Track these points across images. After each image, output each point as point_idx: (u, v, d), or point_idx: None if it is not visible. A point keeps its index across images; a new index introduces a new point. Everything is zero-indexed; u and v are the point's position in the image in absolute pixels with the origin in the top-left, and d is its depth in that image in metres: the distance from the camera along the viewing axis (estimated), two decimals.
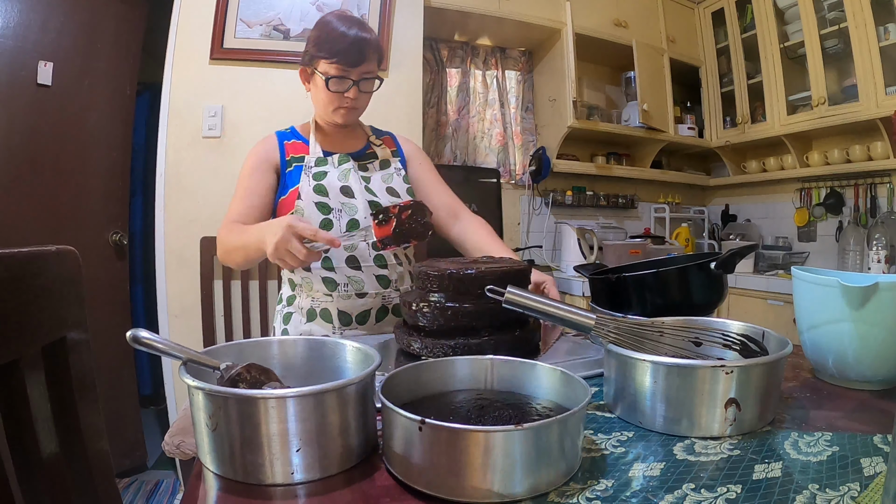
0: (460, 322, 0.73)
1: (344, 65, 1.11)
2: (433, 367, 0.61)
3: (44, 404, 0.48)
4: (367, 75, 1.16)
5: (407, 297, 0.79)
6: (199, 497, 0.49)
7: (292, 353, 0.66)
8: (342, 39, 1.10)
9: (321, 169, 1.18)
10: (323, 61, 1.12)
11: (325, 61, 1.12)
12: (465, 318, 0.73)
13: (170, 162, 1.86)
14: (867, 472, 0.51)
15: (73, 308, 0.50)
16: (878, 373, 0.73)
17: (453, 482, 0.45)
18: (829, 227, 2.67)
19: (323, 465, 0.50)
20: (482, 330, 0.74)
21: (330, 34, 1.12)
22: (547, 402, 0.59)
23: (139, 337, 0.52)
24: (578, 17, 2.58)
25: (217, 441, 0.49)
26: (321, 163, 1.19)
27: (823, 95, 2.39)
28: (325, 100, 1.16)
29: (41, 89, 1.81)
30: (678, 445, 0.58)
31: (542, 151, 2.72)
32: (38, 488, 0.49)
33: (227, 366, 0.55)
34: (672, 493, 0.48)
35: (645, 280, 0.93)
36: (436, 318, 0.74)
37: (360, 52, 1.12)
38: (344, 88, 1.14)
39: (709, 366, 0.58)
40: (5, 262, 0.39)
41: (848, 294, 0.71)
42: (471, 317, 0.73)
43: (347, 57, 1.11)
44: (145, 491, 1.93)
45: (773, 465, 0.53)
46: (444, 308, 0.74)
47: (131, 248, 2.21)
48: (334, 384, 0.49)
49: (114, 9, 2.03)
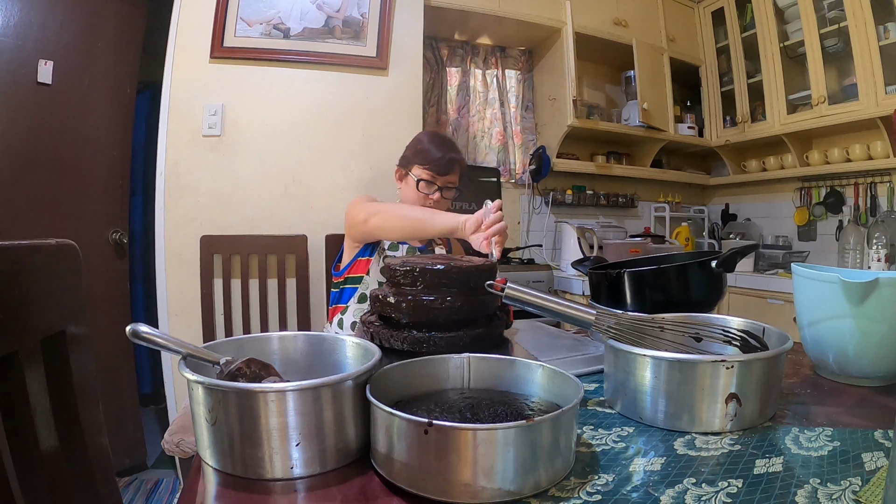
0: (431, 315, 0.70)
1: (435, 173, 1.37)
2: (411, 368, 0.59)
3: (43, 398, 0.47)
4: (450, 185, 1.41)
5: (379, 292, 0.76)
6: (198, 492, 0.49)
7: (292, 349, 0.66)
8: (437, 154, 1.37)
9: (392, 253, 1.40)
10: (417, 167, 1.39)
11: (420, 167, 1.38)
12: (438, 313, 0.70)
13: (170, 161, 1.86)
14: (868, 467, 0.51)
15: (72, 302, 0.49)
16: (878, 368, 0.73)
17: (459, 483, 0.44)
18: (829, 227, 2.67)
19: (322, 459, 0.50)
20: (454, 324, 0.71)
21: (427, 152, 1.38)
22: (534, 396, 0.59)
23: (139, 331, 0.51)
24: (578, 16, 2.58)
25: (217, 435, 0.49)
26: (393, 248, 1.41)
27: (823, 94, 2.39)
28: (413, 197, 1.40)
29: (41, 88, 1.81)
30: (679, 441, 0.58)
31: (542, 150, 2.72)
32: (37, 483, 0.48)
33: (226, 360, 0.55)
34: (673, 488, 0.48)
35: (645, 276, 0.93)
36: (409, 313, 0.71)
37: (451, 167, 1.38)
38: (431, 191, 1.39)
39: (709, 360, 0.58)
40: (5, 254, 0.39)
41: (848, 290, 0.70)
42: (444, 311, 0.70)
43: (439, 168, 1.37)
44: (145, 490, 1.93)
45: (775, 460, 0.52)
46: (418, 302, 0.71)
47: (131, 246, 2.21)
48: (334, 378, 0.49)
49: (114, 8, 2.03)
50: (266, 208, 1.95)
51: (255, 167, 1.94)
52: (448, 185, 1.40)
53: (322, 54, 1.99)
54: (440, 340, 0.69)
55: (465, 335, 0.70)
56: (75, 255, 0.49)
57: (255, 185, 1.94)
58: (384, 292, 0.75)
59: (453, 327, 0.71)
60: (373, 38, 2.05)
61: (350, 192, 2.00)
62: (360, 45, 2.04)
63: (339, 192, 2.01)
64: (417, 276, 0.72)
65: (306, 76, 2.00)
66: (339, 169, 2.03)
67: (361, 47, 2.04)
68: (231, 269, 1.83)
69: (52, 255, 0.46)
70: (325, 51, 1.99)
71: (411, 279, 0.72)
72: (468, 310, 0.71)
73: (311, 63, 1.99)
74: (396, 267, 0.74)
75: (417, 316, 0.71)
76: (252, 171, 1.94)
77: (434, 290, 0.71)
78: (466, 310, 0.71)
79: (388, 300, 0.72)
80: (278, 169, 1.97)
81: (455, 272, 0.72)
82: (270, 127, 1.96)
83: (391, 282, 0.76)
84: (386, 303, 0.73)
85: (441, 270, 0.72)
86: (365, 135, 2.05)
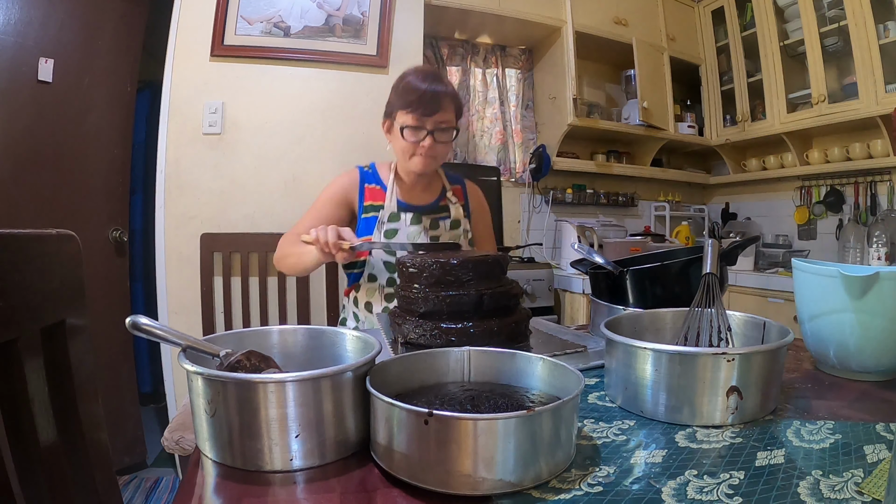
0: (451, 307, 0.73)
1: (419, 115, 1.16)
2: (411, 361, 0.59)
3: (42, 390, 0.47)
4: (443, 125, 1.19)
5: (400, 286, 0.80)
6: (196, 484, 0.49)
7: (292, 342, 0.66)
8: (418, 91, 1.15)
9: (393, 226, 1.26)
10: (400, 112, 1.18)
11: (403, 112, 1.17)
12: (455, 304, 0.74)
13: (170, 159, 1.86)
14: (870, 459, 0.51)
15: (72, 292, 0.49)
16: (880, 362, 0.72)
17: (459, 474, 0.43)
18: (830, 225, 2.67)
19: (322, 451, 0.50)
20: (472, 313, 0.74)
21: (406, 87, 1.17)
22: (535, 389, 0.59)
23: (139, 323, 0.51)
24: (578, 14, 2.58)
25: (216, 427, 0.49)
26: (394, 218, 1.26)
27: (823, 93, 2.39)
28: (402, 148, 1.21)
29: (42, 86, 1.81)
30: (680, 434, 0.57)
31: (542, 149, 2.72)
32: (36, 476, 0.48)
33: (226, 353, 0.55)
34: (675, 480, 0.47)
35: (646, 272, 0.93)
36: (430, 304, 0.74)
37: (436, 102, 1.16)
38: (419, 138, 1.18)
39: (710, 353, 0.58)
40: (5, 241, 0.39)
41: (849, 284, 0.70)
42: (461, 303, 0.74)
43: (423, 108, 1.15)
44: (145, 488, 1.92)
45: (776, 453, 0.52)
46: (437, 295, 0.74)
47: (131, 244, 2.21)
48: (334, 369, 0.49)
49: (115, 6, 2.03)
50: (266, 206, 1.95)
51: (256, 165, 1.94)
52: (441, 126, 1.18)
53: (322, 52, 1.99)
54: (475, 328, 0.72)
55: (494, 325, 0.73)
56: (75, 245, 0.49)
57: (255, 183, 1.94)
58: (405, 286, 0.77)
59: (475, 317, 0.73)
60: (373, 36, 2.05)
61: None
62: (361, 43, 2.04)
63: None
64: (436, 270, 0.74)
65: (306, 74, 2.00)
66: (339, 167, 2.02)
67: (362, 46, 2.04)
68: (231, 266, 1.83)
69: (52, 244, 0.46)
70: (326, 49, 2.00)
71: (429, 273, 0.75)
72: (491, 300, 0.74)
73: (311, 61, 1.99)
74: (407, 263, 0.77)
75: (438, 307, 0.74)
76: (252, 168, 1.94)
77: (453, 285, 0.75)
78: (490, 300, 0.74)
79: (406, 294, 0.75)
80: (278, 167, 1.96)
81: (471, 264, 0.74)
82: (270, 125, 1.96)
83: (408, 276, 0.78)
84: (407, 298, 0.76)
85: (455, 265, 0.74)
86: (365, 133, 2.05)
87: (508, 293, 0.76)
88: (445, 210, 1.33)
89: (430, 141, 1.18)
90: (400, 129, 1.18)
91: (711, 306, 0.71)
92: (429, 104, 1.15)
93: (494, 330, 0.72)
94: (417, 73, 1.20)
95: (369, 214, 1.27)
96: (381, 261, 1.26)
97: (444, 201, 1.33)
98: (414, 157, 1.20)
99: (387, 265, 1.26)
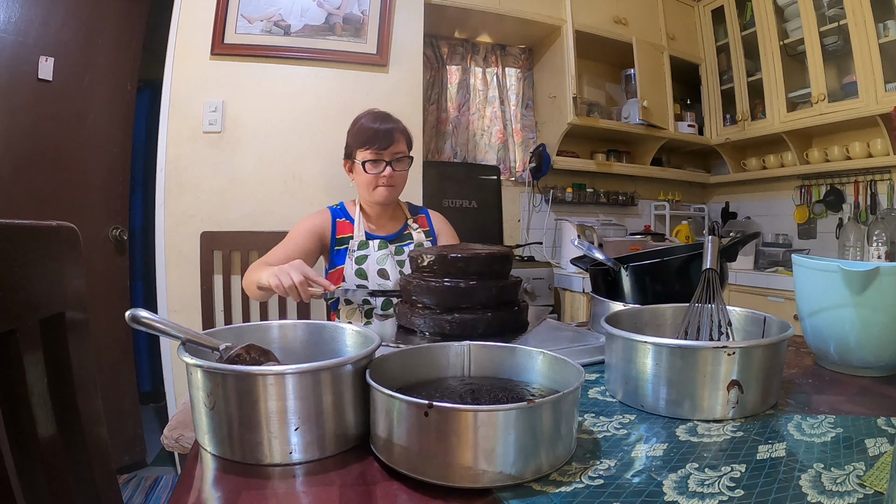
0: (455, 300, 0.75)
1: (377, 149, 1.30)
2: (411, 355, 0.59)
3: (41, 382, 0.47)
4: (399, 155, 1.34)
5: (408, 278, 0.80)
6: (195, 477, 0.49)
7: (292, 337, 0.66)
8: (371, 129, 1.31)
9: (362, 253, 1.37)
10: (359, 150, 1.33)
11: (361, 149, 1.32)
12: (459, 297, 0.75)
13: (170, 157, 1.85)
14: (872, 453, 0.51)
15: (72, 286, 0.49)
16: (880, 358, 0.72)
17: (459, 466, 0.43)
18: (830, 224, 2.67)
19: (321, 445, 0.50)
20: (475, 307, 0.75)
21: (361, 128, 1.33)
22: (535, 383, 0.59)
23: (138, 316, 0.51)
24: (578, 14, 2.58)
25: (215, 420, 0.49)
26: (363, 246, 1.38)
27: (823, 92, 2.39)
28: (366, 182, 1.33)
29: (42, 84, 1.81)
30: (681, 428, 0.57)
31: (542, 148, 2.72)
32: (34, 471, 0.48)
33: (226, 346, 0.55)
34: (676, 472, 0.47)
35: (646, 269, 0.92)
36: (433, 296, 0.76)
37: (389, 137, 1.32)
38: (380, 170, 1.32)
39: (710, 347, 0.58)
40: (4, 231, 0.38)
41: (849, 279, 0.70)
42: (465, 295, 0.75)
43: (379, 142, 1.30)
44: (144, 487, 1.92)
45: (778, 446, 0.52)
46: (441, 287, 0.75)
47: (131, 243, 2.21)
48: (333, 361, 0.49)
49: (115, 5, 2.03)
50: (266, 205, 1.94)
51: (256, 163, 1.94)
52: (396, 157, 1.33)
53: (322, 51, 1.99)
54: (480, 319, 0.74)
55: None
56: (75, 238, 0.49)
57: (255, 182, 1.94)
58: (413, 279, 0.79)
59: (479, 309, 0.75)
60: (373, 35, 2.04)
61: (350, 190, 2.00)
62: (361, 42, 2.04)
63: (338, 188, 2.01)
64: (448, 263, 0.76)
65: (307, 73, 1.99)
66: (338, 166, 2.01)
67: (362, 44, 2.04)
68: (231, 265, 1.83)
69: (51, 236, 0.45)
70: (326, 48, 1.99)
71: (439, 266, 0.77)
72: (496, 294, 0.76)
73: (311, 60, 1.99)
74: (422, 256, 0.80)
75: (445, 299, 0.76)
76: (252, 167, 1.94)
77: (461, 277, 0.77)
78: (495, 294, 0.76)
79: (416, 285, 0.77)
80: (278, 165, 1.96)
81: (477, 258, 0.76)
82: (271, 124, 1.96)
83: (420, 269, 0.80)
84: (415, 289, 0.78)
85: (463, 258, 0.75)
86: None
87: (513, 286, 0.78)
88: (409, 238, 1.43)
89: (389, 171, 1.32)
90: (362, 164, 1.31)
91: (712, 302, 0.71)
92: (383, 139, 1.30)
93: (500, 320, 0.74)
94: (369, 115, 1.36)
95: (341, 246, 1.39)
96: (355, 285, 1.35)
97: (408, 230, 1.45)
98: (377, 188, 1.33)
99: (360, 287, 1.36)
